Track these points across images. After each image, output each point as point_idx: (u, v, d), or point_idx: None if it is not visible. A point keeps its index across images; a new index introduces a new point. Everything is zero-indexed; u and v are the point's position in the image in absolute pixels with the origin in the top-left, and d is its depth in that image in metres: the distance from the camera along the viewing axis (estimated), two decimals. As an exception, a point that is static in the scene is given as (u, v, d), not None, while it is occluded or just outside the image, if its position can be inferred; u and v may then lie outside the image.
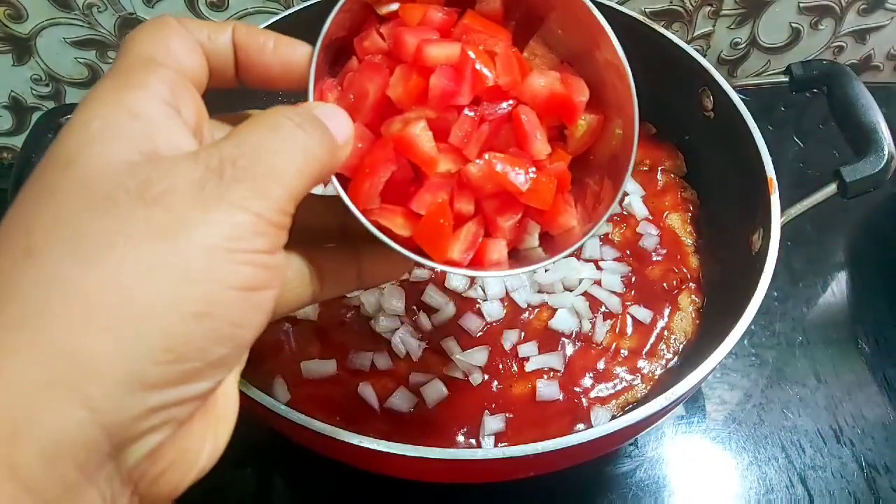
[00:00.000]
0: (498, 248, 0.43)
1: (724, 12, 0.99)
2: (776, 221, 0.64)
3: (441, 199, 0.41)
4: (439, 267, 0.41)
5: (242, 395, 0.54)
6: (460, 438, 0.62)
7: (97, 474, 0.26)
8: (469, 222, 0.42)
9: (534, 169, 0.42)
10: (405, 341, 0.66)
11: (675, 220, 0.77)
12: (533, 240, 0.46)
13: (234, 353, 0.29)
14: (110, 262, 0.26)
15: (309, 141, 0.33)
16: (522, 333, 0.68)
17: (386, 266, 0.44)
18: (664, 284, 0.72)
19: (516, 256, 0.46)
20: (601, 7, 0.44)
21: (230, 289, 0.28)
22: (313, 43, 0.40)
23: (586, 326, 0.68)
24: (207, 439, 0.31)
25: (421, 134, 0.40)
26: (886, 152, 0.64)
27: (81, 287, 0.26)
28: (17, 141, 1.01)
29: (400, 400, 0.63)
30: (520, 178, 0.41)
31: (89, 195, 0.27)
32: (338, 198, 0.40)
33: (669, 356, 0.68)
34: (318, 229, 0.44)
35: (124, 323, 0.26)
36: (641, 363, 0.67)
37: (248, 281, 0.29)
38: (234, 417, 0.34)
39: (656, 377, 0.67)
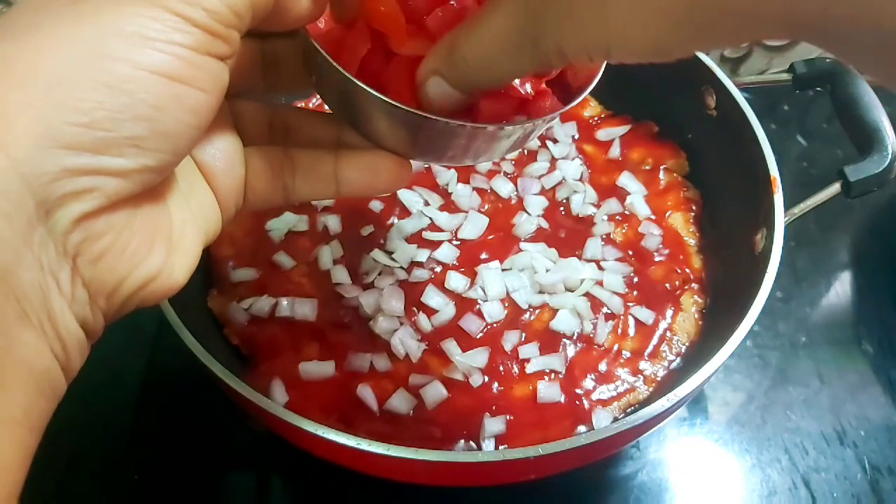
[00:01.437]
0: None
1: (726, 10, 0.98)
2: (780, 221, 0.63)
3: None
4: (433, 116, 0.40)
5: (241, 396, 0.54)
6: (460, 441, 0.61)
7: (29, 234, 0.28)
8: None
9: None
10: (404, 342, 0.65)
11: (678, 220, 0.77)
12: None
13: (153, 139, 0.32)
14: (32, 38, 0.29)
15: None
16: (523, 334, 0.67)
17: (367, 172, 0.45)
18: (666, 285, 0.71)
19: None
20: None
21: (146, 71, 0.31)
22: None
23: (588, 327, 0.68)
24: (154, 251, 0.35)
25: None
26: (890, 151, 0.64)
27: (3, 55, 0.29)
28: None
29: (399, 402, 0.63)
30: None
31: (36, 3, 0.31)
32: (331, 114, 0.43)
33: (672, 357, 0.67)
34: (309, 143, 0.46)
35: (39, 84, 0.29)
36: (643, 364, 0.66)
37: (166, 68, 0.31)
38: (190, 260, 0.38)
39: (658, 379, 0.66)
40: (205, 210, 0.40)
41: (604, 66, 0.44)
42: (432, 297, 0.68)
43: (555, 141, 0.82)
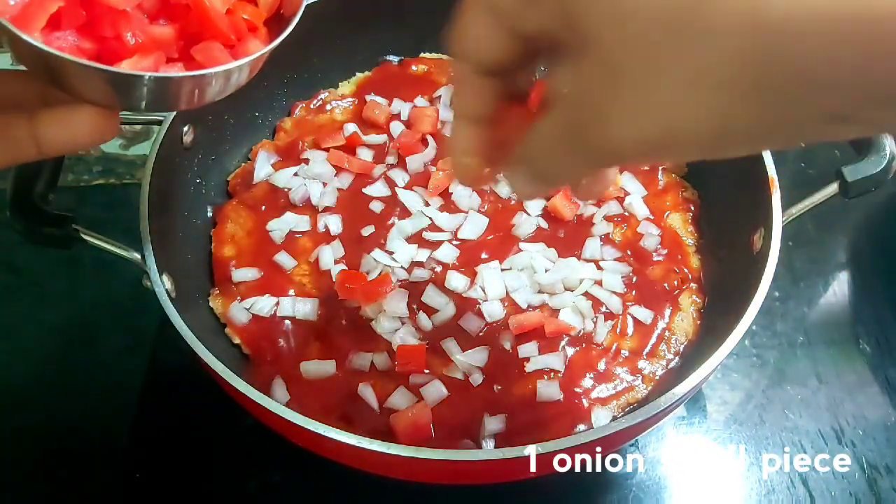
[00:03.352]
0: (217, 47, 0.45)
1: (724, 11, 0.98)
2: (777, 221, 0.64)
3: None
4: (126, 70, 0.41)
5: (242, 395, 0.54)
6: (460, 439, 0.62)
7: None
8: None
9: None
10: (405, 342, 0.66)
11: (676, 220, 0.77)
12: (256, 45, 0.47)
13: None
14: None
15: None
16: (523, 334, 0.68)
17: (66, 127, 0.43)
18: (665, 284, 0.72)
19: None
20: None
21: None
22: None
23: (587, 327, 0.68)
24: None
25: None
26: (888, 152, 0.64)
27: None
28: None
29: (400, 400, 0.63)
30: None
31: None
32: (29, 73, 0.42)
33: (670, 356, 0.68)
34: (8, 104, 0.44)
35: None
36: (642, 364, 0.67)
37: None
38: None
39: (657, 378, 0.66)
40: None
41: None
42: (432, 296, 0.68)
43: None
